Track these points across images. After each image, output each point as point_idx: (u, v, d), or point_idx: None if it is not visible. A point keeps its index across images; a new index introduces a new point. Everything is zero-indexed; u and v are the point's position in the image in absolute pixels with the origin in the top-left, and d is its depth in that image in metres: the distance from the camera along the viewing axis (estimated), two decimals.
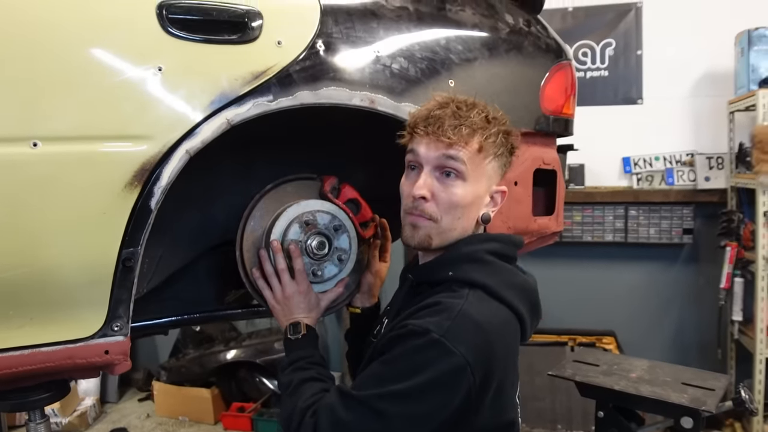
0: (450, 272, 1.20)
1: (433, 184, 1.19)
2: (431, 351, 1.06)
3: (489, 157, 1.21)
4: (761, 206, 3.16)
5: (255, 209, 1.42)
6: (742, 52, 3.37)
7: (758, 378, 3.19)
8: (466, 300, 1.13)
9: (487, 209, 1.25)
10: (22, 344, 1.07)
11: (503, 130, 1.22)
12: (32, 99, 1.02)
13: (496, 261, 1.23)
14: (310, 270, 1.40)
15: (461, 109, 1.19)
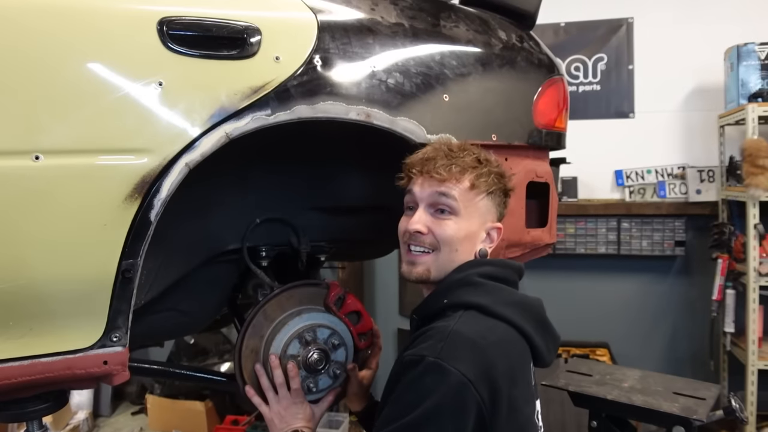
0: (445, 300, 1.23)
1: (428, 219, 1.26)
2: (430, 375, 1.07)
3: (481, 194, 1.27)
4: (752, 219, 3.20)
5: (258, 315, 1.43)
6: (731, 67, 3.42)
7: (750, 389, 3.21)
8: (458, 320, 1.16)
9: (484, 245, 1.30)
10: (22, 355, 1.07)
11: (495, 171, 1.29)
12: (34, 113, 1.04)
13: (489, 282, 1.25)
14: (306, 384, 1.41)
15: (453, 151, 1.28)
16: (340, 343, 1.44)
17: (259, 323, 1.42)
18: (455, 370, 1.06)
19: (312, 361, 1.40)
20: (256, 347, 1.41)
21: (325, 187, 1.62)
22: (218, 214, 1.51)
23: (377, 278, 4.36)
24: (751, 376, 3.22)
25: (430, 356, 1.08)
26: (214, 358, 4.25)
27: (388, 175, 1.64)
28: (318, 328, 1.41)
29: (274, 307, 1.44)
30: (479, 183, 1.26)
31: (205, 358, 4.29)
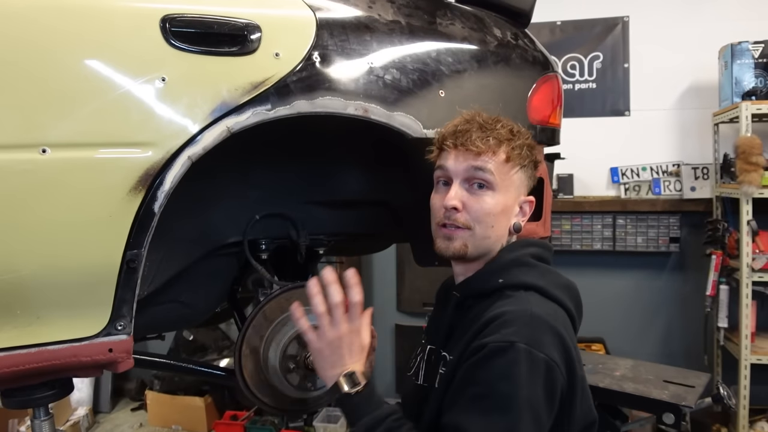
0: (500, 279, 1.20)
1: (464, 194, 1.21)
2: (523, 363, 1.04)
3: (516, 167, 1.24)
4: (745, 215, 3.23)
5: (258, 315, 1.45)
6: (725, 66, 3.45)
7: (743, 383, 3.25)
8: (531, 303, 1.14)
9: (517, 219, 1.27)
10: (30, 342, 1.10)
11: (527, 143, 1.25)
12: (41, 107, 1.07)
13: (541, 264, 1.26)
14: (303, 383, 1.44)
15: (487, 122, 1.23)
16: None
17: (259, 324, 1.45)
18: (544, 356, 1.06)
19: (310, 362, 1.42)
20: (256, 347, 1.44)
21: (323, 181, 1.65)
22: (219, 208, 1.54)
23: (375, 274, 4.39)
24: (744, 371, 3.26)
25: (520, 342, 1.05)
26: (213, 354, 4.28)
27: (385, 170, 1.68)
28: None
29: (274, 308, 1.47)
30: (514, 155, 1.22)
31: (204, 354, 4.31)
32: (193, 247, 1.51)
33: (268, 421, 3.97)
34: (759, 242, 3.30)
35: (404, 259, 4.22)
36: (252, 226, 1.57)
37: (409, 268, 4.22)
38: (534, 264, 1.24)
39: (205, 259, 1.56)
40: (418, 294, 4.22)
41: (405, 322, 4.29)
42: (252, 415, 4.07)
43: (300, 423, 3.94)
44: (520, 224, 1.28)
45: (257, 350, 1.44)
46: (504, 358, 1.05)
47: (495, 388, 1.04)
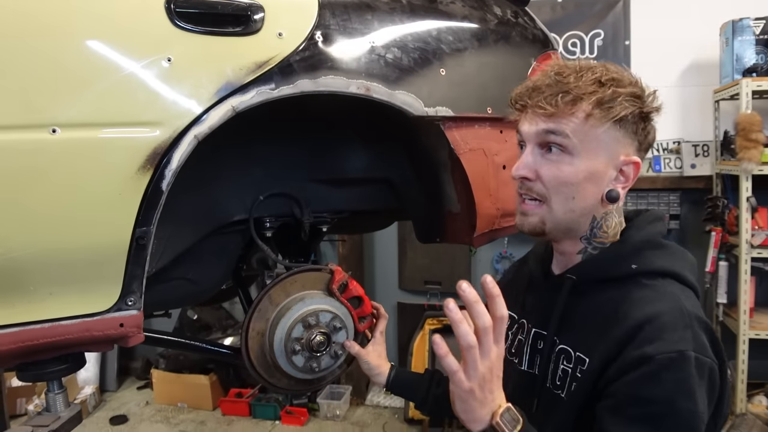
0: (633, 265, 1.07)
1: (536, 161, 1.08)
2: (695, 373, 0.95)
3: (605, 124, 1.04)
4: (744, 192, 3.26)
5: (263, 299, 1.47)
6: (726, 42, 3.45)
7: (741, 358, 3.29)
8: (679, 298, 1.03)
9: (615, 185, 1.08)
10: (43, 318, 1.13)
11: (625, 92, 1.04)
12: (51, 88, 1.08)
13: (671, 243, 1.14)
14: (309, 364, 1.46)
15: (563, 74, 1.06)
16: (342, 326, 1.50)
17: (264, 307, 1.48)
18: (710, 360, 0.98)
19: (315, 343, 1.46)
20: (261, 330, 1.48)
21: (326, 159, 1.67)
22: (224, 186, 1.56)
23: (377, 253, 4.43)
24: (743, 345, 3.30)
25: (689, 350, 0.96)
26: (218, 333, 4.34)
27: (388, 147, 1.70)
28: (321, 312, 1.47)
29: (279, 292, 1.49)
30: (601, 111, 1.03)
31: (208, 333, 4.37)
32: (199, 225, 1.53)
33: (272, 398, 4.04)
34: (758, 218, 3.33)
35: (406, 238, 4.25)
36: (257, 204, 1.59)
37: (411, 246, 4.25)
38: (665, 245, 1.12)
39: (210, 237, 1.59)
40: (420, 272, 4.26)
41: (407, 300, 4.33)
42: (257, 392, 4.14)
43: (304, 400, 4.01)
44: (618, 192, 1.08)
45: (263, 333, 1.47)
46: (678, 371, 0.95)
47: (674, 405, 0.94)
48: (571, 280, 1.12)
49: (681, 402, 0.94)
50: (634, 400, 0.96)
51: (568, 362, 1.08)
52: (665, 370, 0.94)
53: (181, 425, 3.97)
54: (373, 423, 3.91)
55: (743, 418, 3.01)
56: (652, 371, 0.95)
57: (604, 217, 1.11)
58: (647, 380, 0.95)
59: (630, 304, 1.03)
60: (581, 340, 1.08)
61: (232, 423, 3.96)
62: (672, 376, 0.94)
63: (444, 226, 1.71)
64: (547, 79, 1.07)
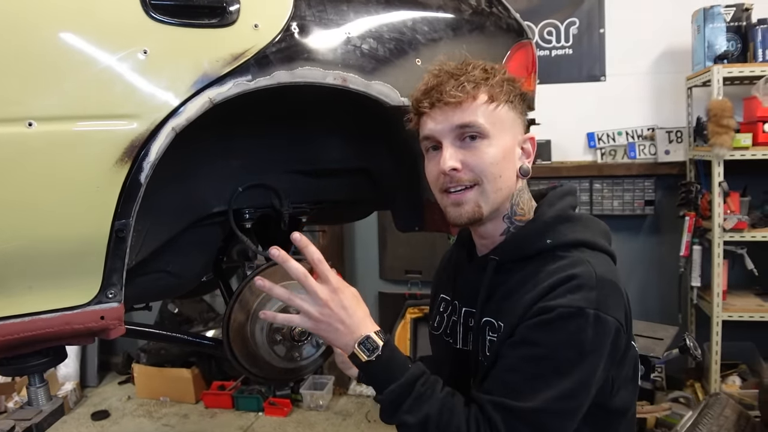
0: (548, 240, 1.13)
1: (458, 153, 1.12)
2: (591, 328, 1.02)
3: (502, 105, 1.13)
4: (717, 177, 3.30)
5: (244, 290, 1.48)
6: (698, 30, 3.50)
7: (715, 339, 3.36)
8: (590, 263, 1.09)
9: (522, 162, 1.18)
10: (23, 312, 1.13)
11: (506, 78, 1.15)
12: (27, 81, 1.08)
13: (582, 214, 1.21)
14: (290, 354, 1.47)
15: (456, 69, 1.14)
16: None
17: (245, 298, 1.48)
18: (612, 319, 1.04)
19: (296, 333, 1.47)
20: (243, 320, 1.48)
21: (305, 150, 1.68)
22: (203, 178, 1.57)
23: (357, 243, 4.44)
24: (716, 327, 3.37)
25: (589, 308, 1.02)
26: (199, 326, 4.32)
27: (366, 138, 1.72)
28: None
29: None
30: (496, 93, 1.12)
31: (189, 326, 4.35)
32: (178, 217, 1.53)
33: (255, 390, 4.04)
34: (730, 203, 3.38)
35: (386, 227, 4.26)
36: (236, 196, 1.60)
37: (391, 236, 4.27)
38: (576, 217, 1.18)
39: (190, 229, 1.59)
40: (400, 262, 4.29)
41: (388, 290, 4.35)
42: (239, 385, 4.14)
43: (287, 391, 4.02)
44: (528, 167, 1.18)
45: (244, 324, 1.48)
46: (572, 324, 1.02)
47: (558, 352, 1.02)
48: (494, 261, 1.18)
49: (564, 351, 1.02)
50: (525, 340, 1.05)
51: (493, 333, 1.15)
52: (560, 320, 1.02)
53: (163, 419, 3.96)
54: (356, 412, 3.93)
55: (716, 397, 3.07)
56: (548, 319, 1.03)
57: (518, 194, 1.20)
58: (542, 326, 1.04)
59: (548, 273, 1.10)
60: (501, 310, 1.15)
61: (215, 415, 3.96)
62: (564, 326, 1.02)
63: (422, 215, 1.73)
64: (441, 76, 1.14)
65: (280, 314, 1.16)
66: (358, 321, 1.10)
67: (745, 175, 3.50)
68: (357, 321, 1.09)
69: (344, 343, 1.09)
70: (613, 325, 1.05)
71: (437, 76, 1.15)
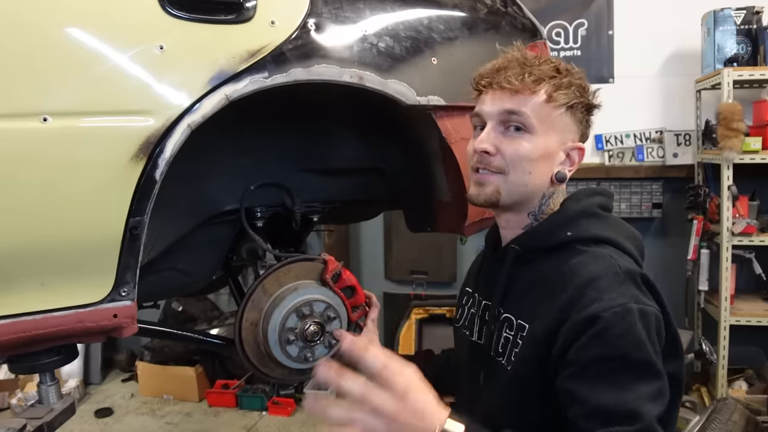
0: (568, 232, 1.13)
1: (497, 138, 1.13)
2: (639, 323, 1.00)
3: (560, 108, 1.12)
4: (726, 180, 3.30)
5: (257, 289, 1.47)
6: (708, 32, 3.48)
7: (722, 344, 3.35)
8: (613, 258, 1.08)
9: (563, 167, 1.17)
10: (35, 309, 1.12)
11: (576, 83, 1.14)
12: (41, 76, 1.07)
13: (609, 214, 1.19)
14: (303, 354, 1.46)
15: (528, 59, 1.14)
16: (335, 315, 1.50)
17: (258, 297, 1.47)
18: (651, 308, 1.04)
19: (309, 333, 1.45)
20: (255, 320, 1.47)
21: (318, 149, 1.67)
22: (215, 176, 1.55)
23: (363, 243, 4.43)
24: (723, 332, 3.35)
25: (630, 302, 1.01)
26: (203, 325, 4.32)
27: (379, 137, 1.70)
28: (314, 302, 1.47)
29: (272, 282, 1.49)
30: (558, 95, 1.11)
31: (193, 324, 4.35)
32: (190, 215, 1.52)
33: (259, 389, 4.04)
34: (739, 207, 3.37)
35: (392, 227, 4.26)
36: (248, 194, 1.59)
37: (397, 236, 4.26)
38: (602, 215, 1.17)
39: (201, 227, 1.58)
40: (406, 262, 4.28)
41: (393, 290, 4.34)
42: (243, 383, 4.13)
43: (291, 390, 4.01)
44: (566, 173, 1.17)
45: (256, 323, 1.47)
46: (624, 325, 0.99)
47: (627, 358, 0.98)
48: (514, 251, 1.18)
49: (633, 353, 0.98)
50: (590, 361, 0.99)
51: (510, 330, 1.14)
52: (612, 326, 0.99)
53: (167, 417, 3.95)
54: None
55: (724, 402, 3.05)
56: (600, 330, 0.99)
57: (551, 196, 1.19)
58: (597, 339, 0.99)
59: (567, 270, 1.08)
60: (522, 307, 1.14)
61: (219, 414, 3.95)
62: (619, 330, 0.99)
63: (435, 216, 1.72)
64: (511, 60, 1.15)
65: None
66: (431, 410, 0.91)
67: (754, 179, 3.49)
68: (430, 411, 0.91)
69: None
70: (653, 313, 1.03)
71: (508, 60, 1.15)
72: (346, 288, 1.53)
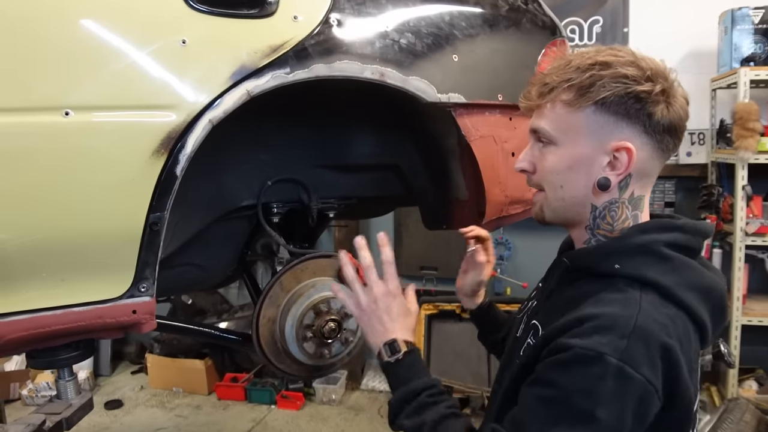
0: (616, 265, 1.00)
1: (533, 154, 1.09)
2: (611, 382, 0.88)
3: (585, 109, 1.00)
4: (740, 180, 3.26)
5: (275, 286, 1.47)
6: (725, 31, 3.45)
7: (734, 344, 3.33)
8: (640, 309, 0.94)
9: (607, 172, 1.02)
10: (56, 304, 1.12)
11: (609, 74, 0.99)
12: (63, 70, 1.06)
13: (678, 256, 1.01)
14: (319, 351, 1.46)
15: (556, 65, 1.05)
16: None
17: (276, 294, 1.47)
18: (641, 377, 0.89)
19: (326, 330, 1.45)
20: (272, 316, 1.47)
21: (335, 144, 1.66)
22: (232, 171, 1.55)
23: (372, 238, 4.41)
24: (735, 332, 3.33)
25: (612, 357, 0.88)
26: (213, 318, 4.32)
27: (396, 133, 1.69)
28: (332, 299, 1.47)
29: (290, 279, 1.49)
30: (578, 96, 1.00)
31: (203, 317, 4.35)
32: (207, 210, 1.52)
33: (267, 383, 4.04)
34: (753, 207, 3.34)
35: (402, 223, 4.24)
36: (265, 190, 1.58)
37: (407, 232, 4.24)
38: (666, 256, 1.00)
39: (218, 222, 1.57)
40: (415, 258, 4.26)
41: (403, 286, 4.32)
42: (252, 377, 4.14)
43: (300, 384, 4.02)
44: (606, 179, 1.01)
45: (274, 319, 1.46)
46: (589, 370, 0.89)
47: (572, 399, 0.90)
48: (564, 264, 1.11)
49: (577, 398, 0.89)
50: (542, 379, 0.95)
51: (534, 338, 1.07)
52: (577, 363, 0.90)
53: (176, 410, 3.96)
54: (368, 407, 3.92)
55: (736, 402, 3.04)
56: (566, 359, 0.91)
57: (607, 207, 1.05)
58: (559, 366, 0.92)
59: (595, 300, 0.98)
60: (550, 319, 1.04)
61: (228, 407, 3.96)
62: (581, 371, 0.90)
63: (451, 214, 1.71)
64: (539, 76, 1.08)
65: (341, 292, 1.23)
66: (396, 327, 1.15)
67: None
68: (394, 326, 1.15)
69: (374, 340, 1.15)
70: (640, 385, 0.89)
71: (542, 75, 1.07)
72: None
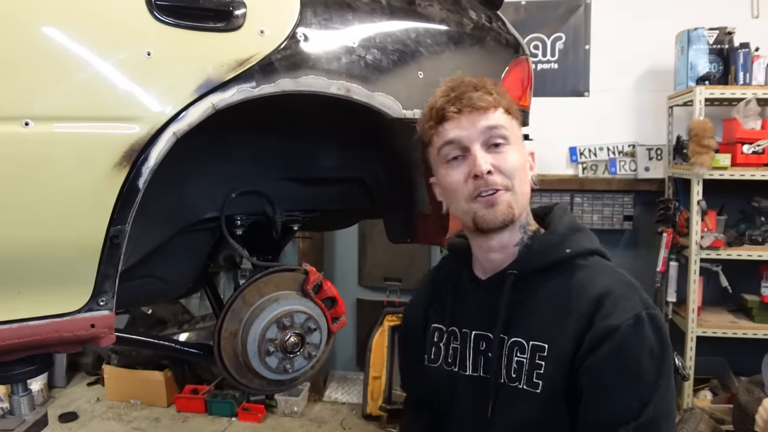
0: (567, 249, 1.17)
1: (489, 156, 1.13)
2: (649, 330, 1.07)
3: (515, 120, 1.18)
4: (695, 195, 3.37)
5: (237, 299, 1.46)
6: (682, 51, 3.56)
7: (689, 354, 3.41)
8: (615, 270, 1.17)
9: (531, 172, 1.22)
10: (10, 318, 1.09)
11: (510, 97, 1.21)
12: (24, 79, 1.04)
13: (582, 225, 1.26)
14: (282, 365, 1.45)
15: (475, 81, 1.17)
16: (316, 327, 1.49)
17: (238, 307, 1.46)
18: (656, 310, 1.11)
19: (289, 344, 1.45)
20: (234, 330, 1.45)
21: (300, 157, 1.66)
22: (195, 183, 1.53)
23: (337, 250, 4.42)
24: (690, 343, 3.42)
25: (641, 312, 1.08)
26: (173, 328, 4.24)
27: (361, 147, 1.70)
28: (295, 313, 1.46)
29: (253, 293, 1.48)
30: (512, 108, 1.17)
31: (163, 328, 4.27)
32: (170, 222, 1.50)
33: (228, 394, 3.99)
34: (707, 221, 3.44)
35: (366, 235, 4.25)
36: (229, 202, 1.57)
37: (371, 243, 4.25)
38: (584, 228, 1.24)
39: (180, 234, 1.55)
40: (380, 269, 4.27)
41: (366, 297, 4.34)
42: (212, 389, 4.08)
43: (261, 397, 3.97)
44: (535, 177, 1.23)
45: (236, 333, 1.45)
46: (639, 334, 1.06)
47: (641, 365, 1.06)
48: (513, 275, 1.17)
49: (645, 360, 1.06)
50: (609, 369, 1.06)
51: (522, 353, 1.14)
52: (628, 335, 1.06)
53: (134, 422, 3.87)
54: (331, 419, 3.90)
55: (691, 412, 3.12)
56: (618, 340, 1.06)
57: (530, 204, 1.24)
58: (616, 349, 1.06)
59: (578, 286, 1.13)
60: (532, 329, 1.14)
61: (188, 420, 3.90)
62: (635, 339, 1.06)
63: (415, 228, 1.72)
64: (463, 86, 1.16)
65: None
66: None
67: (722, 194, 3.57)
68: None
69: None
70: (657, 314, 1.10)
71: (459, 85, 1.17)
72: (326, 299, 1.53)
